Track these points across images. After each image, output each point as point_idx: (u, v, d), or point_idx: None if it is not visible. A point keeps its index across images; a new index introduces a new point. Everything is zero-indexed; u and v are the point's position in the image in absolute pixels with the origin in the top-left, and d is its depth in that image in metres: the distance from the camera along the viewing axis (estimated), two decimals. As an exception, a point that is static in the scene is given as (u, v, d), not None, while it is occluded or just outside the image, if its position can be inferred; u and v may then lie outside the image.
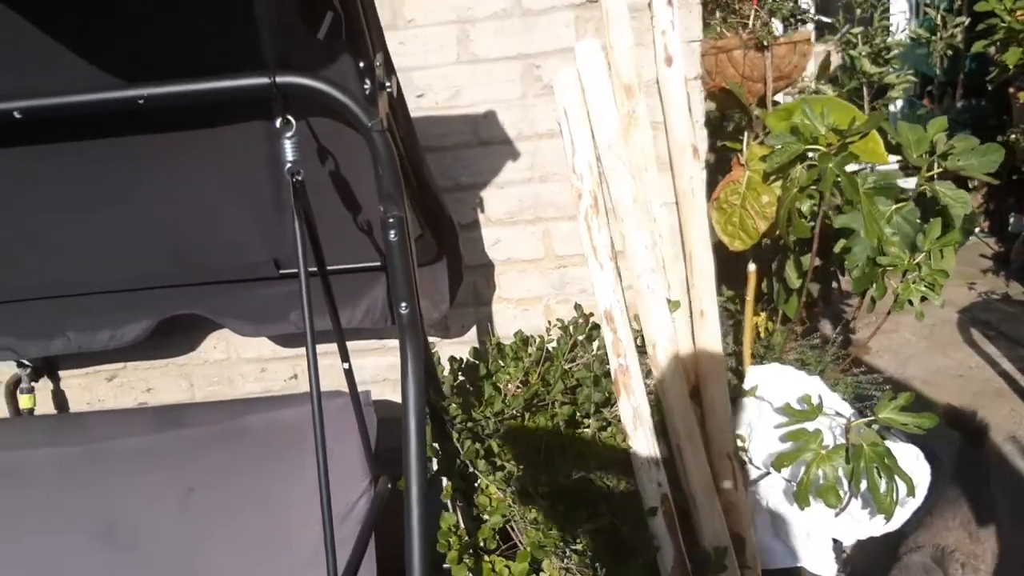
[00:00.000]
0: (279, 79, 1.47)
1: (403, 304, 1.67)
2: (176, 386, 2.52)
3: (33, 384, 2.43)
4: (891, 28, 4.77)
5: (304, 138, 1.73)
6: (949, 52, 5.37)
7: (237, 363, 2.50)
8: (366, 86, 1.50)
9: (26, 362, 2.41)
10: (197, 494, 2.10)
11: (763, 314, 3.12)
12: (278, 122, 1.52)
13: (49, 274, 2.07)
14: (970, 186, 5.57)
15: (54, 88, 1.49)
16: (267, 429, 2.12)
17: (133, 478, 2.10)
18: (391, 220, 1.61)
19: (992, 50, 4.64)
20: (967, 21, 5.24)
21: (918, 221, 2.56)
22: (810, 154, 2.17)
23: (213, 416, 2.17)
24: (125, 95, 1.49)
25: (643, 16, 2.17)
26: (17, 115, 1.49)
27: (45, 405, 2.51)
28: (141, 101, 1.49)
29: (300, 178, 1.55)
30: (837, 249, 2.38)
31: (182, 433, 2.14)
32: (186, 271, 2.11)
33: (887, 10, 4.74)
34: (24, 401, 2.40)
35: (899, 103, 5.66)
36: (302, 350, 2.46)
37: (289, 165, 1.53)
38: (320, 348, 2.45)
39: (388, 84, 1.54)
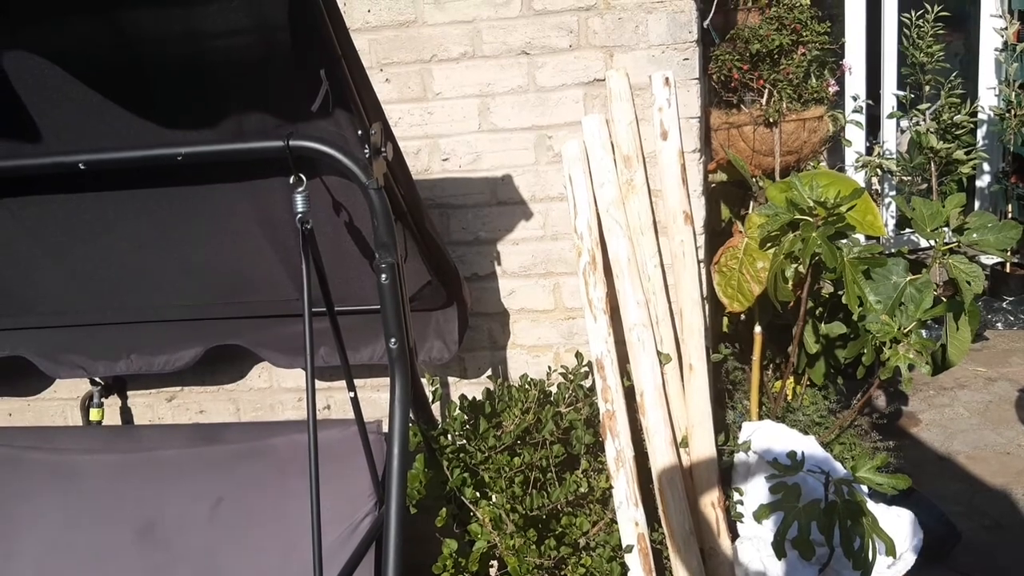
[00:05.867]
0: (292, 143, 1.76)
1: (392, 340, 1.92)
2: (225, 409, 2.82)
3: (103, 400, 2.77)
4: (958, 103, 4.78)
5: (328, 192, 2.02)
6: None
7: (278, 392, 2.78)
8: (365, 150, 1.76)
9: (98, 380, 2.76)
10: (226, 503, 2.37)
11: (791, 378, 3.22)
12: (291, 179, 1.80)
13: (117, 303, 2.40)
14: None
15: (111, 145, 1.83)
16: (290, 449, 2.38)
17: (172, 485, 2.40)
18: (383, 265, 1.87)
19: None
20: (1041, 97, 5.21)
21: (935, 293, 2.66)
22: (800, 224, 2.32)
23: (244, 435, 2.45)
24: (167, 152, 1.81)
25: (646, 93, 2.39)
26: (82, 166, 1.82)
27: (113, 420, 2.85)
28: (180, 158, 1.81)
29: (309, 226, 1.82)
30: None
31: (217, 448, 2.42)
32: (231, 306, 2.42)
33: (955, 87, 4.77)
34: (93, 414, 2.75)
35: (987, 179, 5.61)
36: (336, 382, 2.73)
37: (300, 215, 1.81)
38: (359, 382, 2.74)
39: (384, 150, 1.80)
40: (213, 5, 1.58)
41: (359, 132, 1.75)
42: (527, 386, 2.42)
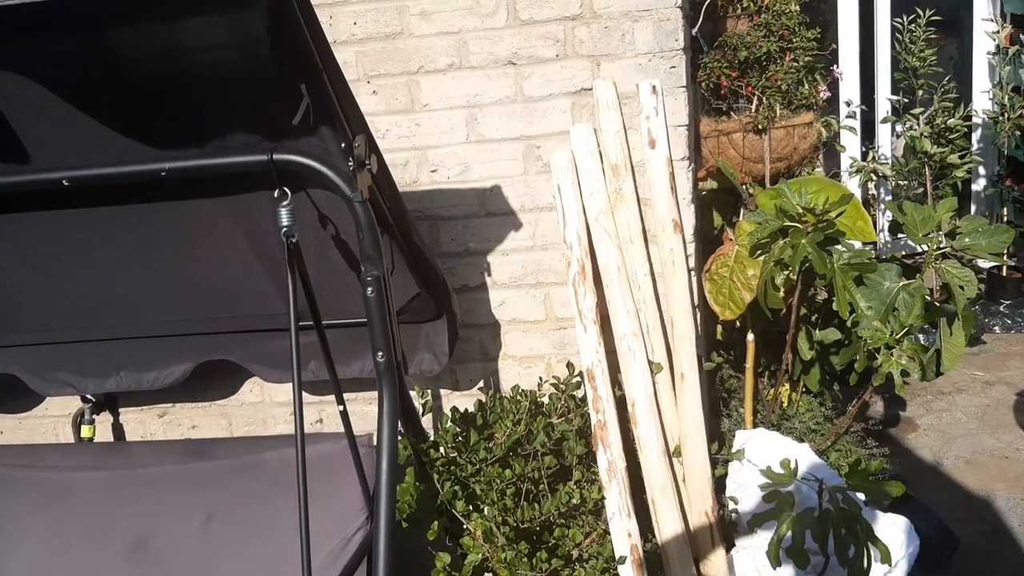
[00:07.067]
0: (275, 156, 1.76)
1: (380, 353, 1.91)
2: (217, 425, 2.81)
3: (94, 417, 2.76)
4: (952, 107, 4.77)
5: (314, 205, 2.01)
6: (1017, 132, 5.33)
7: (270, 406, 2.77)
8: (349, 163, 1.76)
9: (90, 397, 2.75)
10: (217, 519, 2.35)
11: (786, 385, 3.21)
12: (276, 192, 1.79)
13: (105, 319, 2.39)
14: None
15: (94, 161, 1.82)
16: (281, 464, 2.36)
17: (163, 501, 2.38)
18: (369, 278, 1.86)
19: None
20: (1035, 101, 5.19)
21: (927, 298, 2.65)
22: (790, 231, 2.32)
23: (236, 450, 2.44)
24: (151, 168, 1.81)
25: (634, 102, 2.39)
26: (65, 183, 1.82)
27: (105, 436, 2.84)
28: (164, 173, 1.80)
29: (295, 240, 1.81)
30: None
31: (208, 464, 2.41)
32: (220, 320, 2.41)
33: (949, 91, 4.76)
34: (85, 431, 2.74)
35: (982, 182, 5.60)
36: (328, 396, 2.71)
37: (285, 229, 1.80)
38: (350, 395, 2.72)
39: (368, 162, 1.80)
40: (194, 20, 1.58)
41: (343, 145, 1.75)
42: (519, 397, 2.41)
